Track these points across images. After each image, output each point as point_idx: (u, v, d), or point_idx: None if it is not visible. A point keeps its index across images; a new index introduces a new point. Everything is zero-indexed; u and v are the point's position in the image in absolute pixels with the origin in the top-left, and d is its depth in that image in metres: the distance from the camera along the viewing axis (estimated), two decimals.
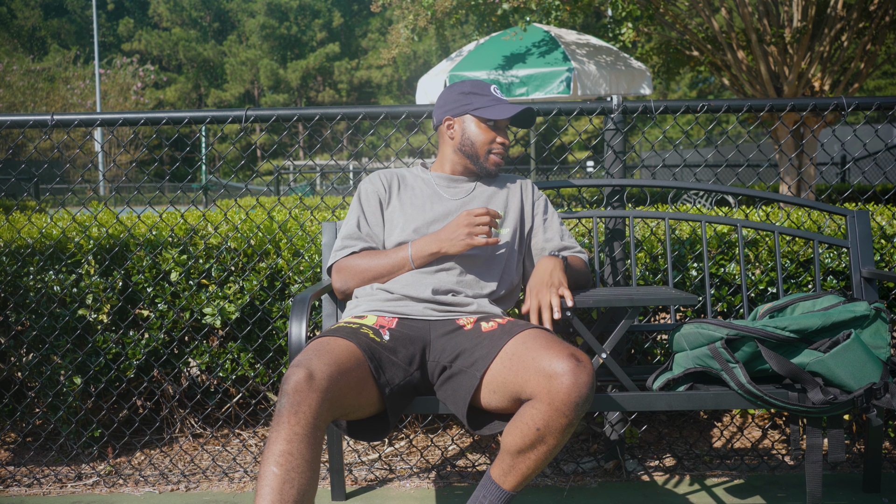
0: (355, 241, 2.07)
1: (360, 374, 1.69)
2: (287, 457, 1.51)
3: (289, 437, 1.52)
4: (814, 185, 3.67)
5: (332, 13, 47.31)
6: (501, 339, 1.77)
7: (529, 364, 1.67)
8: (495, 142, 2.10)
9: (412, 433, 2.84)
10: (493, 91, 2.12)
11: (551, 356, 1.64)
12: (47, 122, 2.56)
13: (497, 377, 1.73)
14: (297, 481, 1.50)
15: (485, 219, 1.92)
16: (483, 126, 2.10)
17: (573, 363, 1.62)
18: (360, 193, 2.14)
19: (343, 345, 1.71)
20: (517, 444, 1.68)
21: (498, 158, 2.12)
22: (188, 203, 2.86)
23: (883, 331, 1.84)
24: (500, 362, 1.73)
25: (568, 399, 1.60)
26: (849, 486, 2.38)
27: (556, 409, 1.61)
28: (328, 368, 1.61)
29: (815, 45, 7.37)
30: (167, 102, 37.99)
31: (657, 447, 2.73)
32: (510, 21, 7.99)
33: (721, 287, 2.57)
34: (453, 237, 1.94)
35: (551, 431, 1.63)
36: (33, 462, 2.72)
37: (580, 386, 1.60)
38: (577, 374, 1.60)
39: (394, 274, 2.00)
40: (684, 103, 2.51)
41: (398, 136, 5.40)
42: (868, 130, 14.45)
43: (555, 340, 1.72)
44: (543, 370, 1.63)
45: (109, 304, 2.60)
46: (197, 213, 2.82)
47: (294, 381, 1.56)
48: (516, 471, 1.71)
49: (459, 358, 1.82)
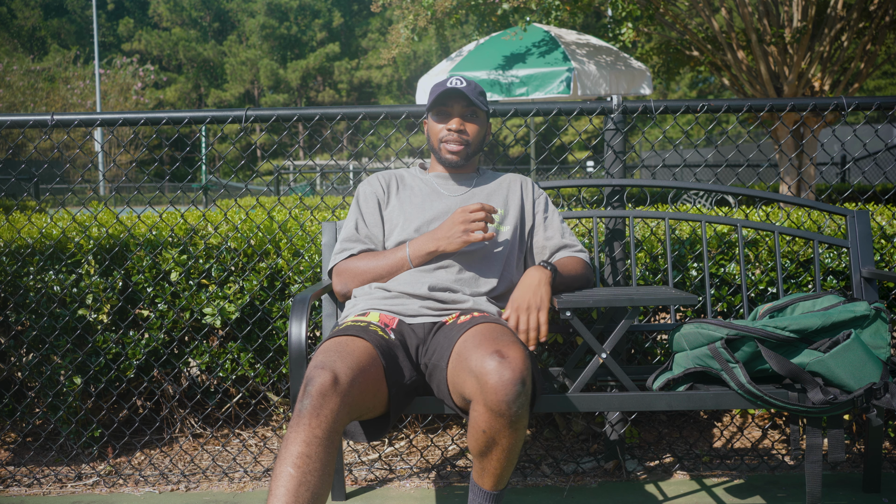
0: (354, 244, 2.07)
1: (375, 375, 1.69)
2: (305, 459, 1.50)
3: (308, 439, 1.51)
4: (814, 185, 3.67)
5: (332, 13, 47.30)
6: (459, 333, 1.75)
7: (465, 365, 1.64)
8: (444, 131, 2.08)
9: (412, 433, 2.84)
10: (447, 83, 2.07)
11: (480, 355, 1.60)
12: (47, 122, 2.56)
13: (450, 376, 1.73)
14: (313, 484, 1.49)
15: (480, 214, 1.90)
16: (433, 120, 2.11)
17: (496, 361, 1.57)
18: (359, 195, 2.14)
19: (361, 345, 1.71)
20: (476, 448, 1.67)
21: (450, 146, 2.08)
22: (188, 203, 2.86)
23: (883, 331, 1.84)
24: (452, 361, 1.72)
25: (497, 398, 1.56)
26: (849, 486, 2.38)
27: (491, 409, 1.57)
28: (351, 372, 1.60)
29: (815, 45, 7.37)
30: (167, 102, 37.99)
31: (657, 447, 2.73)
32: (510, 21, 7.99)
33: (721, 287, 2.57)
34: (450, 235, 1.93)
35: (497, 432, 1.60)
36: (33, 462, 2.72)
37: (505, 383, 1.55)
38: (500, 373, 1.55)
39: (393, 274, 2.00)
40: (684, 103, 2.51)
41: (398, 136, 5.37)
42: (868, 130, 14.45)
43: (488, 337, 1.67)
44: (473, 370, 1.61)
45: (109, 304, 2.60)
46: (197, 213, 2.82)
47: (319, 384, 1.55)
48: (487, 472, 1.71)
49: (435, 353, 1.82)
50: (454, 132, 2.07)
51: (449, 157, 2.09)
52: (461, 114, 2.08)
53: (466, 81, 2.07)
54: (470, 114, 2.08)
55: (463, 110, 2.07)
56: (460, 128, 2.07)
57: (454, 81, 2.06)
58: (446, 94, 2.05)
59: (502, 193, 2.14)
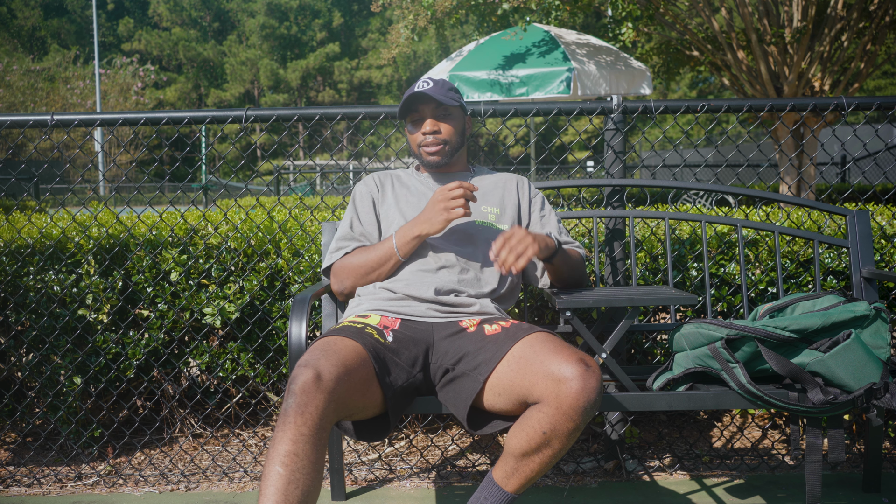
0: (348, 242, 2.08)
1: (365, 375, 1.69)
2: (293, 457, 1.50)
3: (295, 437, 1.51)
4: (814, 185, 3.67)
5: (332, 13, 47.31)
6: (506, 343, 1.78)
7: (538, 368, 1.67)
8: (420, 136, 2.10)
9: (412, 433, 2.84)
10: (414, 88, 2.08)
11: (560, 360, 1.65)
12: (47, 122, 2.56)
13: (503, 380, 1.73)
14: (302, 482, 1.50)
15: (458, 191, 1.91)
16: (409, 129, 2.13)
17: (582, 368, 1.62)
18: (355, 195, 2.16)
19: (349, 345, 1.71)
20: (522, 447, 1.68)
21: (429, 149, 2.09)
22: (188, 203, 2.86)
23: (883, 331, 1.84)
24: (507, 365, 1.73)
25: (576, 404, 1.61)
26: (849, 486, 2.38)
27: (564, 413, 1.61)
28: (335, 369, 1.61)
29: (815, 45, 7.37)
30: (167, 102, 37.99)
31: (657, 447, 2.73)
32: (510, 21, 7.99)
33: (721, 287, 2.57)
34: (431, 216, 1.94)
35: (557, 435, 1.64)
36: (33, 462, 2.72)
37: (589, 391, 1.61)
38: (586, 379, 1.61)
39: (384, 265, 2.01)
40: (684, 103, 2.51)
41: (398, 136, 5.38)
42: (868, 130, 14.44)
43: (563, 345, 1.72)
44: (552, 374, 1.64)
45: (109, 304, 2.60)
46: (197, 213, 2.82)
47: (302, 382, 1.56)
48: (520, 473, 1.71)
49: (462, 361, 1.82)
50: (429, 135, 2.08)
51: (430, 159, 2.10)
52: (433, 115, 2.08)
53: (433, 81, 2.07)
54: (442, 113, 2.09)
55: (434, 111, 2.08)
56: (434, 129, 2.08)
57: (420, 84, 2.07)
58: (413, 98, 2.06)
59: (498, 193, 2.15)
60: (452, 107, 2.08)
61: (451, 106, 2.08)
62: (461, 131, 2.13)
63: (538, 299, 2.64)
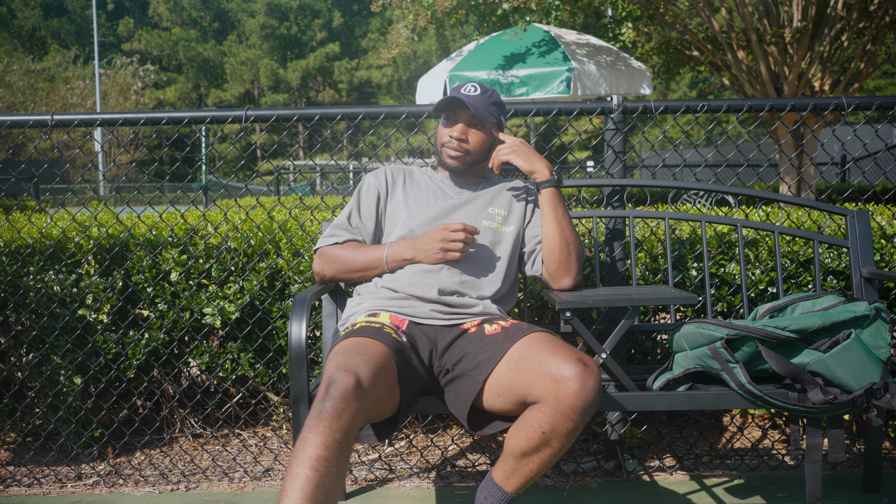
0: (342, 232, 2.09)
1: (392, 379, 1.69)
2: (323, 462, 1.47)
3: (328, 443, 1.49)
4: (814, 185, 3.67)
5: (332, 13, 47.29)
6: (505, 343, 1.78)
7: (536, 368, 1.67)
8: (447, 136, 2.09)
9: (412, 433, 2.84)
10: (460, 90, 2.07)
11: (559, 360, 1.65)
12: (47, 122, 2.56)
13: (502, 380, 1.73)
14: (327, 488, 1.47)
15: (460, 235, 1.92)
16: (442, 122, 2.12)
17: (581, 367, 1.63)
18: (361, 186, 2.15)
19: (380, 348, 1.71)
20: (521, 447, 1.68)
21: (450, 152, 2.08)
22: (188, 203, 2.86)
23: (883, 331, 1.84)
24: (506, 365, 1.73)
25: (575, 403, 1.61)
26: (849, 486, 2.38)
27: (563, 413, 1.62)
28: (372, 375, 1.60)
29: (815, 45, 7.37)
30: (167, 102, 37.99)
31: (657, 447, 2.73)
32: (510, 21, 7.98)
33: (721, 287, 2.57)
34: (428, 249, 1.95)
35: (557, 435, 1.64)
36: (33, 462, 2.72)
37: (587, 391, 1.61)
38: (584, 379, 1.61)
39: (368, 271, 2.02)
40: (684, 103, 2.51)
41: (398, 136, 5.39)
42: (868, 130, 14.44)
43: (562, 345, 1.72)
44: (550, 374, 1.64)
45: (109, 304, 2.60)
46: (197, 213, 2.82)
47: (343, 387, 1.53)
48: (519, 473, 1.72)
49: (462, 361, 1.82)
50: (455, 139, 2.07)
51: (448, 161, 2.09)
52: (467, 121, 2.08)
53: (482, 89, 2.06)
54: (476, 123, 2.08)
55: (469, 118, 2.07)
56: (462, 136, 2.06)
57: (468, 88, 2.06)
58: (454, 100, 2.05)
59: (507, 195, 2.14)
60: (487, 122, 2.08)
61: (486, 122, 2.07)
62: (488, 146, 2.12)
63: (538, 299, 2.64)
